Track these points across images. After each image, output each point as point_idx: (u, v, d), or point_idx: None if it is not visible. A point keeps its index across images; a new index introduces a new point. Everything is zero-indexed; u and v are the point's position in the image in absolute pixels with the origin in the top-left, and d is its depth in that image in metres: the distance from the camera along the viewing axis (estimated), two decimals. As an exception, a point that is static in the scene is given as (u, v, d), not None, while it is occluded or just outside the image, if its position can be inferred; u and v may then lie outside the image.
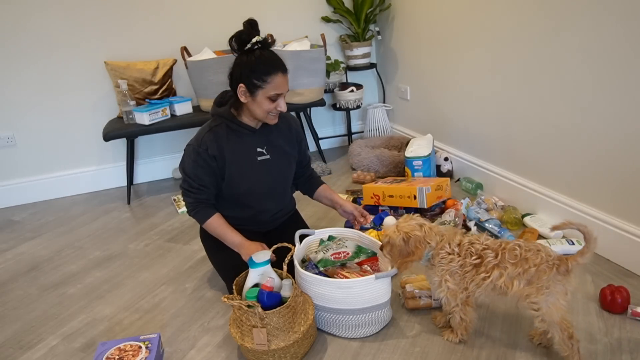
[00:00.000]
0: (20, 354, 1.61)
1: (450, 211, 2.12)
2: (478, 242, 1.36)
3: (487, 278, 1.31)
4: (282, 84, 1.58)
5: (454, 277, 1.37)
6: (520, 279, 1.28)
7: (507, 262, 1.30)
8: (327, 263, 1.62)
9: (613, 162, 1.76)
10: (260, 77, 1.55)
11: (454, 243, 1.37)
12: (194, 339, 1.61)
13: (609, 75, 1.70)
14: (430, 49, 2.83)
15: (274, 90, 1.57)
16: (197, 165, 1.65)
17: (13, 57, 2.74)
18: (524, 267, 1.28)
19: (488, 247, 1.34)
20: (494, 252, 1.32)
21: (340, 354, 1.48)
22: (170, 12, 2.95)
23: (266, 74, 1.55)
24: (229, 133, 1.68)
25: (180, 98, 2.88)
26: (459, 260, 1.35)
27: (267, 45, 1.59)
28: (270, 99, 1.59)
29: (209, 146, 1.63)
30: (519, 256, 1.29)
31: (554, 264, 1.27)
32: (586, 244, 1.26)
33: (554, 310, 1.27)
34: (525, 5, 2.01)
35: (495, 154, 2.44)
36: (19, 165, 2.94)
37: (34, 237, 2.51)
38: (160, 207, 2.77)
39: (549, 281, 1.26)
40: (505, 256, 1.30)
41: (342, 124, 3.66)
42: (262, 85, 1.56)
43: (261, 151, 1.73)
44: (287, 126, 1.82)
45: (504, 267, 1.30)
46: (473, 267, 1.33)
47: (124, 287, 1.96)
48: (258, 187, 1.74)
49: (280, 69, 1.57)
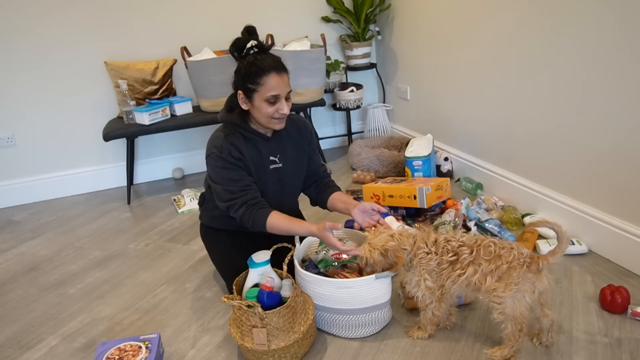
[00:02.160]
0: (20, 354, 1.61)
1: (450, 211, 2.12)
2: (454, 239, 1.38)
3: (462, 275, 1.33)
4: (278, 84, 1.52)
5: (432, 275, 1.38)
6: (493, 275, 1.31)
7: (481, 258, 1.32)
8: (327, 263, 1.62)
9: (613, 162, 1.76)
10: (254, 80, 1.52)
11: (430, 242, 1.39)
12: (194, 339, 1.61)
13: (609, 75, 1.70)
14: (430, 49, 2.83)
15: (269, 91, 1.52)
16: (228, 169, 1.58)
17: (13, 57, 2.74)
18: (497, 263, 1.30)
19: (464, 244, 1.35)
20: (469, 249, 1.34)
21: (340, 354, 1.48)
22: (170, 12, 2.95)
23: (258, 76, 1.51)
24: (246, 142, 1.63)
25: (180, 98, 2.88)
26: (436, 258, 1.37)
27: (263, 48, 1.56)
28: (268, 101, 1.53)
29: (231, 150, 1.58)
30: (493, 253, 1.31)
31: (525, 261, 1.29)
32: (558, 243, 1.30)
33: (517, 306, 1.30)
34: (525, 5, 2.01)
35: (495, 154, 2.44)
36: (19, 165, 2.94)
37: (34, 237, 2.51)
38: (160, 207, 2.77)
39: (518, 278, 1.28)
40: (480, 253, 1.32)
41: (342, 124, 3.66)
42: (257, 88, 1.53)
43: (274, 159, 1.70)
44: (299, 134, 1.76)
45: (479, 264, 1.32)
46: (449, 264, 1.35)
47: (124, 287, 1.96)
48: (268, 195, 1.69)
49: (274, 69, 1.51)
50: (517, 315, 1.31)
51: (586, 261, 1.85)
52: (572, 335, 1.47)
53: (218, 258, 1.83)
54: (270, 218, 1.56)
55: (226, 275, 1.76)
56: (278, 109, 1.56)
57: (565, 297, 1.65)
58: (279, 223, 1.56)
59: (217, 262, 1.84)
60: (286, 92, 1.56)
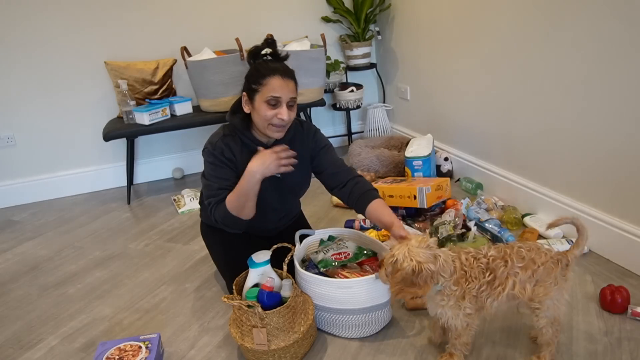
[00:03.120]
0: (20, 354, 1.61)
1: (450, 211, 2.12)
2: (481, 254, 1.27)
3: (503, 290, 1.24)
4: (280, 87, 1.50)
5: (471, 301, 1.27)
6: (531, 281, 1.25)
7: (516, 267, 1.24)
8: (327, 263, 1.62)
9: (613, 162, 1.76)
10: (257, 80, 1.51)
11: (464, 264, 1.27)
12: (194, 339, 1.61)
13: (609, 75, 1.70)
14: (430, 49, 2.83)
15: (270, 92, 1.50)
16: (215, 166, 1.58)
17: (13, 57, 2.74)
18: (532, 268, 1.24)
19: (495, 257, 1.26)
20: (502, 261, 1.25)
21: (340, 354, 1.48)
22: (171, 12, 2.95)
23: (262, 76, 1.50)
24: (242, 148, 1.61)
25: (180, 98, 2.88)
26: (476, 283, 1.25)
27: (277, 57, 1.56)
28: (268, 103, 1.51)
29: (224, 149, 1.58)
30: (526, 258, 1.25)
31: (558, 259, 1.26)
32: (579, 236, 1.27)
33: (558, 307, 1.27)
34: (525, 5, 2.01)
35: (495, 154, 2.44)
36: (19, 165, 2.94)
37: (34, 237, 2.51)
38: (160, 207, 2.77)
39: (555, 278, 1.24)
40: (514, 261, 1.24)
41: (342, 124, 3.66)
42: (259, 88, 1.51)
43: None
44: (301, 142, 1.71)
45: (515, 274, 1.24)
46: (487, 283, 1.25)
47: (124, 287, 1.96)
48: (265, 203, 1.66)
49: (278, 72, 1.50)
50: (558, 316, 1.28)
51: (586, 261, 1.85)
52: (572, 335, 1.47)
53: (218, 257, 1.83)
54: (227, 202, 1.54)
55: (226, 275, 1.76)
56: (277, 114, 1.52)
57: (565, 297, 1.65)
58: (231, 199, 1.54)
59: (217, 262, 1.84)
60: (288, 97, 1.52)
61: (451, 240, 1.94)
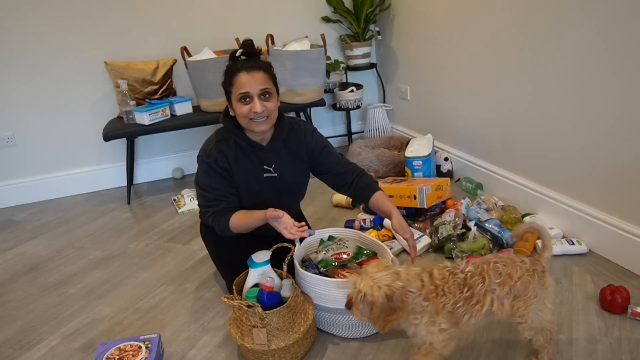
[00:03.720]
0: (20, 354, 1.61)
1: (450, 211, 2.12)
2: (459, 270, 1.23)
3: (482, 307, 1.20)
4: (247, 81, 1.50)
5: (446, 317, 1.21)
6: (509, 297, 1.22)
7: (493, 283, 1.21)
8: (327, 263, 1.62)
9: (613, 162, 1.76)
10: (227, 81, 1.54)
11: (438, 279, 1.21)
12: (194, 339, 1.61)
13: (609, 75, 1.70)
14: (430, 48, 2.83)
15: (239, 89, 1.51)
16: (209, 175, 1.60)
17: (13, 57, 2.74)
18: (510, 284, 1.21)
19: (472, 272, 1.21)
20: (480, 277, 1.21)
21: (340, 354, 1.48)
22: (170, 13, 2.95)
23: (230, 77, 1.53)
24: (237, 150, 1.63)
25: (180, 98, 2.88)
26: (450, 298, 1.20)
27: (250, 54, 1.56)
28: (240, 101, 1.52)
29: (218, 158, 1.59)
30: (503, 273, 1.21)
31: (534, 270, 1.23)
32: (543, 239, 1.26)
33: (542, 317, 1.25)
34: (525, 5, 2.01)
35: (495, 154, 2.44)
36: (19, 165, 2.94)
37: (34, 237, 2.51)
38: (160, 207, 2.77)
39: (534, 290, 1.22)
40: (491, 277, 1.21)
41: (342, 124, 3.66)
42: (230, 89, 1.54)
43: (268, 169, 1.68)
44: (297, 142, 1.72)
45: (492, 290, 1.21)
46: (465, 300, 1.20)
47: (124, 287, 1.96)
48: (264, 203, 1.66)
49: (243, 69, 1.50)
50: (545, 325, 1.26)
51: (586, 261, 1.85)
52: (572, 335, 1.47)
53: (218, 257, 1.83)
54: (232, 220, 1.59)
55: (226, 275, 1.76)
56: (251, 108, 1.52)
57: (565, 297, 1.65)
58: (238, 222, 1.59)
59: (217, 262, 1.84)
60: (257, 89, 1.51)
61: (451, 240, 1.95)
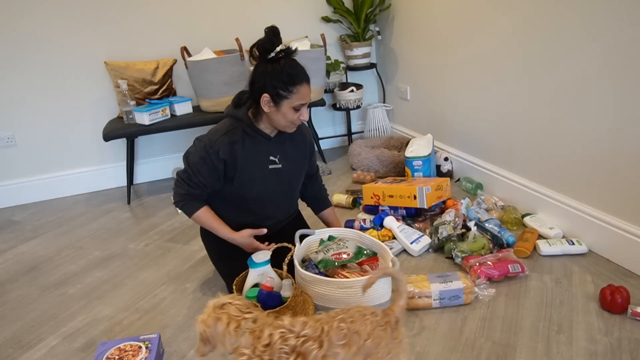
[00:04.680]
0: (20, 354, 1.61)
1: (450, 211, 2.12)
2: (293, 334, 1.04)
3: None
4: (307, 93, 1.58)
5: None
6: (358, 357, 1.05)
7: (336, 346, 1.03)
8: (327, 264, 1.62)
9: (613, 161, 1.76)
10: (287, 87, 1.53)
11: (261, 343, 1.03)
12: (194, 339, 1.61)
13: (609, 75, 1.70)
14: (430, 49, 2.83)
15: (299, 100, 1.56)
16: (204, 162, 1.61)
17: (13, 57, 2.74)
18: (358, 343, 1.04)
19: (308, 336, 1.04)
20: (316, 342, 1.03)
21: (340, 354, 1.48)
22: (170, 12, 2.95)
23: (292, 84, 1.53)
24: (244, 138, 1.64)
25: (180, 98, 2.88)
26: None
27: (291, 53, 1.57)
28: (295, 109, 1.57)
29: (221, 149, 1.59)
30: (348, 332, 1.04)
31: (386, 322, 1.09)
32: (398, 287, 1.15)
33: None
34: (525, 5, 2.01)
35: (495, 154, 2.44)
36: (19, 165, 2.94)
37: (34, 237, 2.51)
38: (160, 207, 2.77)
39: (387, 346, 1.06)
40: (332, 339, 1.03)
41: (342, 124, 3.66)
42: (288, 95, 1.54)
43: (273, 159, 1.71)
44: (301, 137, 1.80)
45: (335, 354, 1.03)
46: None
47: (124, 287, 1.96)
48: (266, 195, 1.71)
49: (305, 79, 1.56)
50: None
51: (586, 261, 1.85)
52: (572, 335, 1.47)
53: (218, 258, 1.83)
54: (201, 211, 1.67)
55: (226, 275, 1.76)
56: (300, 116, 1.60)
57: (565, 297, 1.65)
58: (205, 219, 1.67)
59: (217, 262, 1.84)
60: (310, 100, 1.63)
61: (451, 240, 1.95)
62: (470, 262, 1.79)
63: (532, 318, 1.56)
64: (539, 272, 1.80)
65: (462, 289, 1.62)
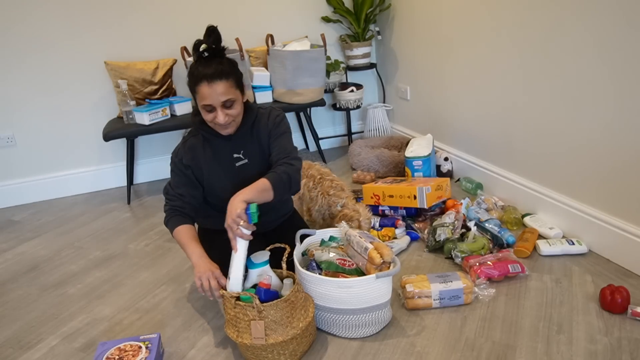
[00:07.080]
0: (20, 354, 1.61)
1: (451, 213, 2.10)
2: None
3: None
4: (209, 95, 1.48)
5: None
6: None
7: None
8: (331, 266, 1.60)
9: (613, 161, 1.76)
10: (192, 87, 1.54)
11: None
12: (194, 339, 1.61)
13: (609, 75, 1.70)
14: (430, 49, 2.83)
15: (202, 101, 1.51)
16: (175, 173, 1.69)
17: (13, 57, 2.74)
18: None
19: None
20: None
21: (340, 354, 1.48)
22: (170, 12, 2.95)
23: (193, 84, 1.52)
24: (204, 143, 1.67)
25: (180, 98, 2.88)
26: None
27: (215, 52, 1.53)
28: (205, 109, 1.53)
29: (183, 156, 1.66)
30: None
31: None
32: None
33: None
34: (525, 5, 2.01)
35: (495, 154, 2.44)
36: (19, 165, 2.94)
37: (34, 237, 2.51)
38: (160, 207, 2.77)
39: None
40: None
41: (342, 124, 3.66)
42: (195, 95, 1.55)
43: (238, 156, 1.69)
44: (262, 126, 1.70)
45: None
46: None
47: (124, 287, 1.96)
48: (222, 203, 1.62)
49: (204, 79, 1.47)
50: None
51: (586, 261, 1.85)
52: (572, 335, 1.47)
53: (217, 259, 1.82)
54: (178, 229, 1.63)
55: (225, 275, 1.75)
56: (215, 118, 1.54)
57: (565, 297, 1.65)
58: (180, 237, 1.63)
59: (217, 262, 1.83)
60: (219, 101, 1.50)
61: (450, 240, 1.94)
62: (470, 262, 1.79)
63: (532, 318, 1.56)
64: (539, 272, 1.80)
65: (462, 289, 1.62)
